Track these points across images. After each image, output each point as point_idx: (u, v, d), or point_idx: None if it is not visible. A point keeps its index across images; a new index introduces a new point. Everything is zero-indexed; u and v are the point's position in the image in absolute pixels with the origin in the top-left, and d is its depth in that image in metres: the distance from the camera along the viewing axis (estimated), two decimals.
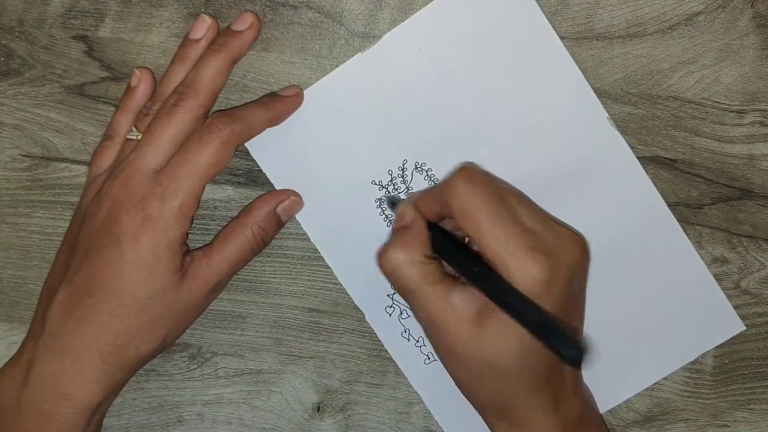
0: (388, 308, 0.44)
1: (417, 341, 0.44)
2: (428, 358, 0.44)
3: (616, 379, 0.44)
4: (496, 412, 0.40)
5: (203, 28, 0.42)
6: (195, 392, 0.45)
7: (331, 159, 0.43)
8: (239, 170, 0.44)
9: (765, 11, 0.43)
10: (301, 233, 0.44)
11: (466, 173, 0.38)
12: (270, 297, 0.45)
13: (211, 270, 0.41)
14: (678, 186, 0.44)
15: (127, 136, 0.42)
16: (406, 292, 0.39)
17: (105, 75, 0.44)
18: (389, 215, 0.44)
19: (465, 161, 0.43)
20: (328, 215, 0.44)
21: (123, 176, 0.39)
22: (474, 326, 0.37)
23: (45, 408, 0.39)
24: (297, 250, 0.44)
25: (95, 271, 0.39)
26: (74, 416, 0.39)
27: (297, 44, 0.43)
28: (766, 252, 0.44)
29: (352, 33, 0.43)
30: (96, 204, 0.40)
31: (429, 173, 0.43)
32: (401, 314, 0.44)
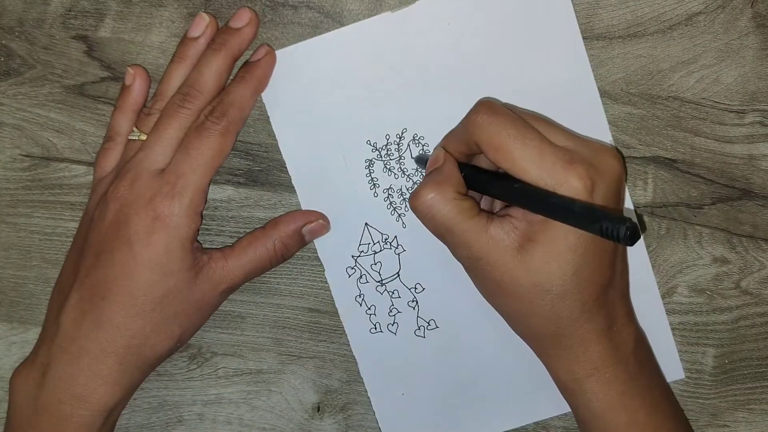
0: (350, 269, 0.44)
1: (369, 308, 0.44)
2: (375, 328, 0.44)
3: (547, 397, 0.44)
4: (552, 341, 0.39)
5: (202, 26, 0.42)
6: (195, 392, 0.45)
7: (334, 108, 0.43)
8: (239, 170, 0.44)
9: (765, 11, 0.43)
10: None
11: (487, 106, 0.38)
12: (270, 297, 0.45)
13: (226, 273, 0.41)
14: (678, 186, 0.44)
15: (130, 137, 0.42)
16: (444, 231, 0.38)
17: (105, 75, 0.44)
18: (375, 178, 0.43)
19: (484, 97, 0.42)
20: (315, 160, 0.43)
21: (129, 177, 0.40)
22: (520, 254, 0.37)
23: (61, 410, 0.39)
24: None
25: (107, 273, 0.39)
26: (90, 418, 0.39)
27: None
28: (766, 252, 0.44)
29: None
30: (104, 206, 0.40)
31: (425, 148, 0.43)
32: (360, 278, 0.44)
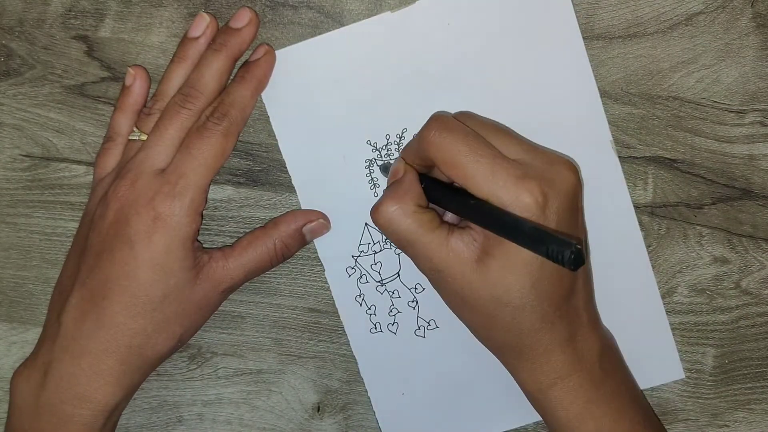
0: (350, 269, 0.44)
1: (369, 308, 0.44)
2: (375, 328, 0.44)
3: None
4: (515, 352, 0.39)
5: (202, 26, 0.42)
6: (195, 392, 0.45)
7: (334, 108, 0.43)
8: (239, 170, 0.44)
9: (765, 11, 0.43)
10: None
11: (439, 122, 0.38)
12: (270, 297, 0.45)
13: (227, 272, 0.41)
14: (678, 186, 0.44)
15: (130, 137, 0.42)
16: (405, 244, 0.38)
17: (105, 75, 0.44)
18: (375, 178, 0.43)
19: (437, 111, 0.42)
20: (315, 160, 0.43)
21: (130, 177, 0.40)
22: (478, 267, 0.37)
23: (63, 410, 0.39)
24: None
25: (108, 273, 0.39)
26: (91, 418, 0.39)
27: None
28: (766, 252, 0.44)
29: None
30: (104, 206, 0.40)
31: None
32: (360, 278, 0.44)
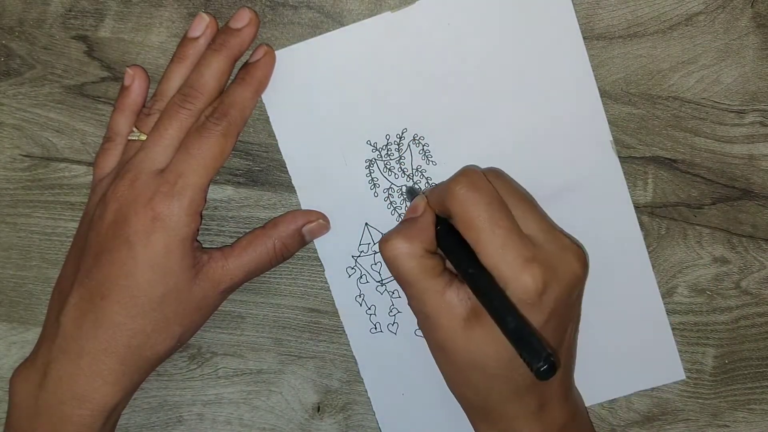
0: (350, 269, 0.44)
1: (369, 308, 0.44)
2: (375, 328, 0.44)
3: None
4: (481, 413, 0.40)
5: (201, 27, 0.42)
6: (195, 392, 0.45)
7: (334, 108, 0.43)
8: (239, 170, 0.44)
9: (765, 11, 0.43)
10: None
11: (469, 179, 0.38)
12: (270, 297, 0.45)
13: (226, 273, 0.41)
14: (678, 186, 0.44)
15: (129, 137, 0.42)
16: (403, 282, 0.39)
17: (105, 75, 0.44)
18: (375, 178, 0.43)
19: (468, 165, 0.42)
20: (315, 160, 0.43)
21: (129, 177, 0.40)
22: (465, 325, 0.37)
23: (62, 410, 0.39)
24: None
25: (107, 273, 0.39)
26: (90, 418, 0.39)
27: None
28: (766, 252, 0.44)
29: None
30: (103, 206, 0.40)
31: (425, 148, 0.43)
32: (360, 278, 0.44)
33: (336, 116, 0.43)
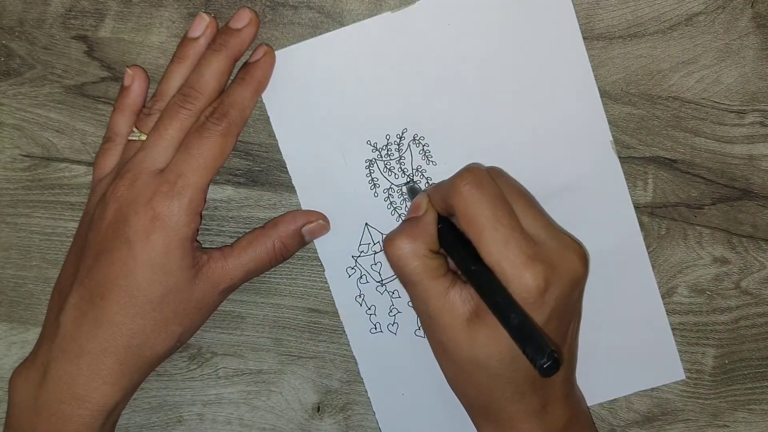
0: (350, 269, 0.44)
1: (369, 308, 0.44)
2: (375, 328, 0.44)
3: None
4: (483, 413, 0.40)
5: (202, 27, 0.42)
6: (195, 392, 0.45)
7: (334, 108, 0.43)
8: (239, 170, 0.44)
9: (765, 11, 0.43)
10: None
11: (473, 176, 0.38)
12: (270, 297, 0.45)
13: (226, 272, 0.41)
14: (678, 186, 0.44)
15: (129, 137, 0.42)
16: (407, 282, 0.39)
17: (105, 75, 0.44)
18: (375, 178, 0.43)
19: (472, 162, 0.42)
20: (315, 160, 0.43)
21: (129, 177, 0.40)
22: (468, 325, 0.37)
23: (61, 410, 0.39)
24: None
25: (107, 273, 0.39)
26: (90, 418, 0.39)
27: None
28: (766, 252, 0.44)
29: None
30: (103, 206, 0.40)
31: (425, 148, 0.43)
32: (360, 278, 0.44)
33: (336, 116, 0.43)
